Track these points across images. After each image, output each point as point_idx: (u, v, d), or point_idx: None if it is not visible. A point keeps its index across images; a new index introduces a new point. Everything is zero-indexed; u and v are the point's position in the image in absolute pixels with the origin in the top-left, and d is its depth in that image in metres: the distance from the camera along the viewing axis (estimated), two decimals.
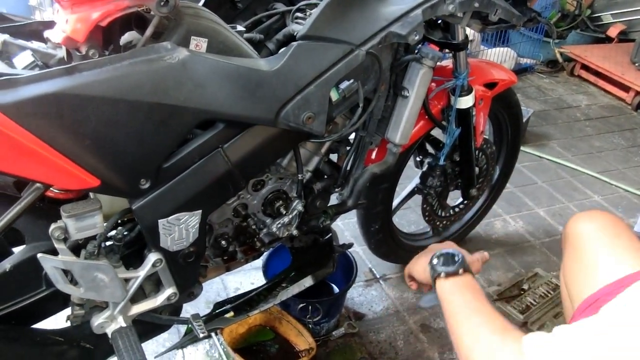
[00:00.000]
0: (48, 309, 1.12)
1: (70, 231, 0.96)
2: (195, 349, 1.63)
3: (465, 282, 0.96)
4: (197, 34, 0.98)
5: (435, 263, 1.01)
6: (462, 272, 0.97)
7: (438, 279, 0.99)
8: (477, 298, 0.91)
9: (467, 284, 0.96)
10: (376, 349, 1.69)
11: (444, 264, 0.99)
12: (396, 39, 1.12)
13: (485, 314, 0.87)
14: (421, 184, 1.80)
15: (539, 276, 2.00)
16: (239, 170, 1.08)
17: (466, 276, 0.97)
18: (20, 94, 0.81)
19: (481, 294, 0.93)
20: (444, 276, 0.98)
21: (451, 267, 0.98)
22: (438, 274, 0.99)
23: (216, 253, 1.28)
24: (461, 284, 0.96)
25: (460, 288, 0.95)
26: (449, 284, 0.97)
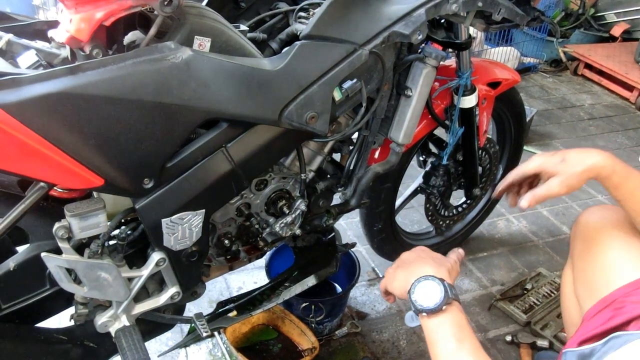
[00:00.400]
0: (52, 307, 1.13)
1: (74, 230, 0.96)
2: (198, 348, 1.64)
3: (451, 321, 0.89)
4: (200, 33, 0.98)
5: (415, 299, 0.91)
6: (445, 308, 0.89)
7: (421, 316, 0.91)
8: (462, 347, 0.85)
9: (453, 323, 0.88)
10: (379, 348, 1.69)
11: (425, 301, 0.90)
12: (399, 38, 1.12)
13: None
14: (424, 183, 1.80)
15: (543, 276, 1.99)
16: (242, 170, 1.08)
17: (450, 312, 0.89)
18: (24, 93, 0.81)
19: (468, 336, 0.87)
20: (426, 316, 0.90)
21: (432, 305, 0.89)
22: (419, 312, 0.91)
23: (219, 252, 1.28)
24: (446, 325, 0.88)
25: (443, 331, 0.88)
26: (433, 324, 0.90)
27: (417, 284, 0.92)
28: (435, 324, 0.89)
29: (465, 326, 0.89)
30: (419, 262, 0.99)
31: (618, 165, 0.99)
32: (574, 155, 1.02)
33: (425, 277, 0.93)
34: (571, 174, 1.00)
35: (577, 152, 1.03)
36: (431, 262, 0.99)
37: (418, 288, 0.92)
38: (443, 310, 0.89)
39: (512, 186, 1.12)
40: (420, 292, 0.91)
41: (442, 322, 0.89)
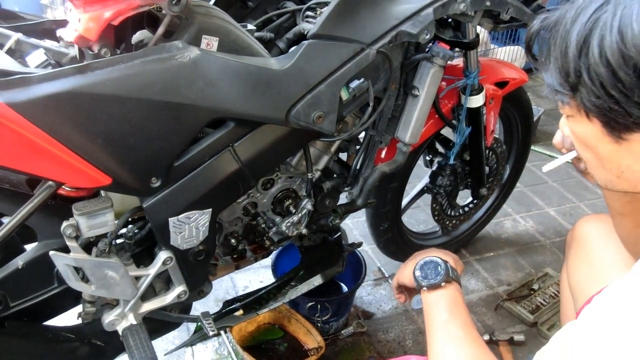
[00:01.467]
0: (60, 306, 1.13)
1: (81, 229, 0.97)
2: (204, 347, 1.65)
3: (448, 297, 0.94)
4: (208, 32, 0.99)
5: (418, 275, 0.99)
6: (445, 285, 0.95)
7: (422, 291, 0.98)
8: (455, 321, 0.90)
9: (449, 299, 0.94)
10: (385, 348, 1.69)
11: (426, 276, 0.98)
12: (407, 37, 1.12)
13: (457, 339, 0.86)
14: (431, 183, 1.80)
15: (549, 276, 1.98)
16: (249, 169, 1.08)
17: (449, 289, 0.95)
18: (33, 92, 0.82)
19: (462, 312, 0.92)
20: (426, 289, 0.96)
21: (433, 279, 0.96)
22: (420, 286, 0.97)
23: (226, 251, 1.28)
24: (443, 300, 0.94)
25: (439, 305, 0.94)
26: (431, 298, 0.96)
27: (421, 262, 1.01)
28: (434, 298, 0.95)
29: (460, 304, 0.94)
30: (429, 251, 1.06)
31: None
32: None
33: (431, 258, 1.01)
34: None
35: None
36: (438, 251, 1.06)
37: (422, 265, 1.00)
38: (442, 286, 0.96)
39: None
40: (424, 269, 0.99)
41: (440, 296, 0.95)
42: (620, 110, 0.61)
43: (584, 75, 0.62)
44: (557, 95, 0.69)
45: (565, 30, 0.65)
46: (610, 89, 0.60)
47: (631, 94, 0.59)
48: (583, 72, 0.62)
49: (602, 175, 0.73)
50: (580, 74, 0.62)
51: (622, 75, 0.59)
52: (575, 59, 0.63)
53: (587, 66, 0.61)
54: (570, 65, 0.63)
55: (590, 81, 0.62)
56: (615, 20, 0.60)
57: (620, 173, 0.69)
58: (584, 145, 0.72)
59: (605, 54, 0.60)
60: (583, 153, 0.74)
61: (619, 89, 0.60)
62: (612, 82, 0.60)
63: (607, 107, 0.62)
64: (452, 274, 0.97)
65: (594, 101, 0.63)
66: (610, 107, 0.62)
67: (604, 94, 0.61)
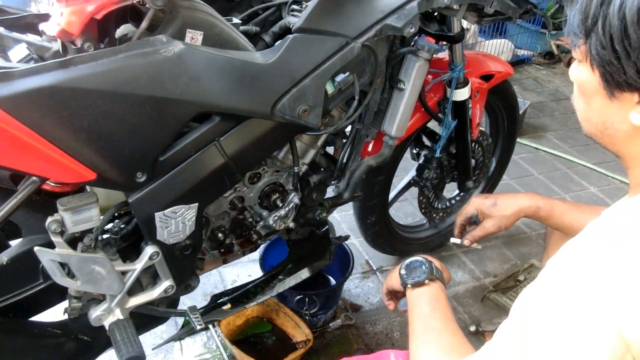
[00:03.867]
0: (45, 301, 1.13)
1: (66, 224, 0.96)
2: (192, 341, 1.64)
3: (430, 293, 0.97)
4: (192, 26, 0.98)
5: (403, 273, 1.02)
6: (428, 282, 0.98)
7: (407, 289, 1.00)
8: (435, 314, 0.93)
9: (432, 295, 0.97)
10: (373, 340, 1.70)
11: (410, 274, 1.00)
12: (392, 31, 1.12)
13: (436, 331, 0.89)
14: (417, 176, 1.80)
15: (535, 267, 2.01)
16: (235, 163, 1.08)
17: (432, 286, 0.98)
18: (16, 87, 0.81)
19: (442, 307, 0.95)
20: (410, 286, 0.99)
21: (417, 277, 0.99)
22: (405, 283, 1.00)
23: (213, 246, 1.28)
24: (426, 296, 0.97)
25: (422, 300, 0.96)
26: (414, 294, 0.98)
27: (407, 261, 1.04)
28: (417, 294, 0.98)
29: (442, 300, 0.97)
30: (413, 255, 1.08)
31: (541, 202, 1.17)
32: (503, 200, 1.23)
33: (416, 258, 1.04)
34: (501, 217, 1.22)
35: (506, 197, 1.23)
36: (426, 255, 1.07)
37: (407, 264, 1.03)
38: (426, 283, 0.98)
39: (462, 227, 1.32)
40: (409, 268, 1.02)
41: (423, 292, 0.98)
42: (618, 66, 0.63)
43: (599, 23, 0.64)
44: (572, 36, 0.71)
45: None
46: (616, 43, 0.63)
47: (633, 52, 0.62)
48: (600, 19, 0.64)
49: (588, 127, 0.76)
50: (596, 21, 0.64)
51: (631, 32, 0.61)
52: (597, 5, 0.64)
53: (604, 15, 0.63)
54: (591, 10, 0.65)
55: (602, 30, 0.64)
56: None
57: (604, 129, 0.72)
58: (581, 93, 0.75)
59: (625, 8, 0.61)
60: (577, 101, 0.77)
61: (623, 45, 0.62)
62: (620, 37, 0.62)
63: (608, 59, 0.64)
64: (435, 273, 1.00)
65: (600, 51, 0.65)
66: (611, 60, 0.64)
67: (610, 46, 0.63)
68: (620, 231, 0.63)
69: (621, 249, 0.61)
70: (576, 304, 0.61)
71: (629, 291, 0.58)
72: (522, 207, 1.20)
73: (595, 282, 0.60)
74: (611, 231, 0.64)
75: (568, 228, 1.15)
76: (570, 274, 0.64)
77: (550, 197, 1.21)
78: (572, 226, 1.14)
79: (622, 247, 0.61)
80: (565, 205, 1.17)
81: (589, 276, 0.61)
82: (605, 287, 0.59)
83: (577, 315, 0.60)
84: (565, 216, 1.15)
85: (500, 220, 1.22)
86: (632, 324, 0.57)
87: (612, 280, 0.59)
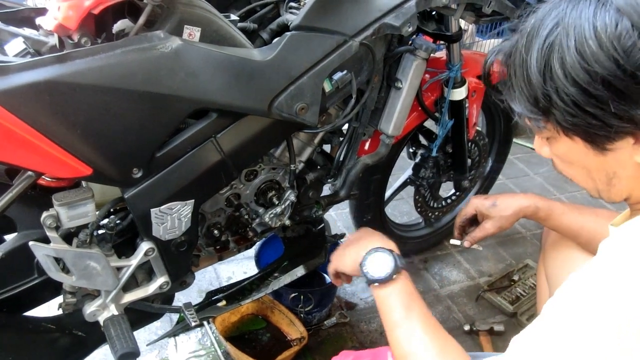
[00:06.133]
0: (40, 296, 1.13)
1: (62, 219, 0.96)
2: (187, 338, 1.65)
3: (400, 290, 0.92)
4: (190, 22, 0.98)
5: (367, 271, 0.95)
6: (395, 277, 0.93)
7: (372, 286, 0.95)
8: (412, 314, 0.89)
9: (402, 292, 0.92)
10: (367, 338, 1.71)
11: (374, 270, 0.94)
12: (389, 30, 1.12)
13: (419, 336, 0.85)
14: (414, 175, 1.81)
15: (530, 267, 2.01)
16: (232, 160, 1.08)
17: (399, 281, 0.93)
18: (12, 81, 0.81)
19: (417, 303, 0.91)
20: (377, 286, 0.93)
21: (384, 275, 0.93)
22: (372, 282, 0.94)
23: (209, 242, 1.28)
24: (395, 294, 0.92)
25: (394, 300, 0.92)
26: (383, 293, 0.93)
27: (367, 256, 0.97)
28: (386, 294, 0.93)
29: (413, 293, 0.93)
30: (367, 237, 1.04)
31: (540, 202, 1.17)
32: (502, 201, 1.23)
33: (375, 249, 0.98)
34: (500, 217, 1.22)
35: (505, 198, 1.23)
36: (378, 237, 1.04)
37: (369, 260, 0.97)
38: (393, 279, 0.93)
39: (462, 228, 1.33)
40: (372, 264, 0.96)
41: (392, 291, 0.93)
42: (599, 123, 0.62)
43: (554, 98, 0.63)
44: (530, 122, 0.70)
45: (522, 59, 0.66)
46: (585, 106, 0.61)
47: (606, 106, 0.60)
48: (552, 95, 0.63)
49: (592, 185, 0.75)
50: (550, 98, 0.63)
51: (593, 91, 0.60)
52: (540, 84, 0.64)
53: (555, 89, 0.62)
54: (538, 91, 0.64)
55: (562, 103, 0.62)
56: (570, 40, 0.61)
57: (609, 181, 0.71)
58: (568, 164, 0.74)
59: (570, 74, 0.61)
60: (568, 171, 0.75)
61: (593, 105, 0.61)
62: (584, 100, 0.61)
63: (585, 123, 0.63)
64: (400, 264, 0.94)
65: (571, 120, 0.63)
66: (588, 122, 0.62)
67: (580, 112, 0.62)
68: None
69: None
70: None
71: None
72: (521, 208, 1.19)
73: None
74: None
75: (566, 229, 1.16)
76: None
77: (546, 197, 1.21)
78: (571, 227, 1.14)
79: None
80: (564, 206, 1.17)
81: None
82: None
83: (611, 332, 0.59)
84: (563, 217, 1.15)
85: (499, 221, 1.22)
86: None
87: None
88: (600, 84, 0.60)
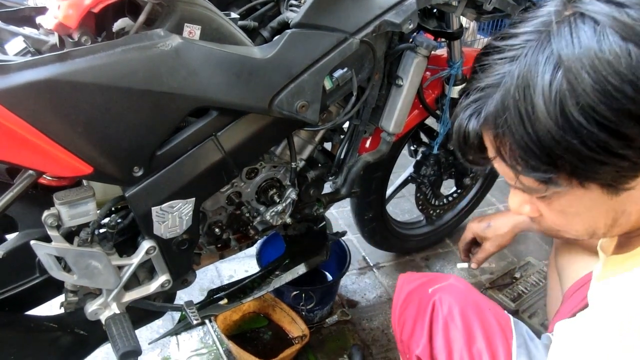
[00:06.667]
0: (42, 295, 1.13)
1: (63, 218, 0.96)
2: (189, 336, 1.65)
3: None
4: (190, 21, 0.98)
5: None
6: None
7: None
8: None
9: None
10: (369, 336, 1.71)
11: None
12: (390, 27, 1.12)
13: None
14: (415, 172, 1.81)
15: (531, 265, 2.01)
16: (233, 158, 1.08)
17: None
18: (12, 80, 0.80)
19: None
20: None
21: None
22: None
23: (210, 241, 1.28)
24: None
25: None
26: None
27: None
28: None
29: None
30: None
31: None
32: (496, 221, 1.31)
33: None
34: (496, 237, 1.30)
35: (498, 217, 1.32)
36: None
37: None
38: None
39: (466, 251, 1.41)
40: None
41: None
42: (629, 164, 0.55)
43: (579, 149, 0.54)
44: (537, 184, 0.61)
45: (521, 115, 0.56)
46: (617, 150, 0.54)
47: (636, 143, 0.54)
48: (577, 146, 0.54)
49: (589, 230, 0.67)
50: (573, 150, 0.55)
51: (624, 131, 0.53)
52: (559, 137, 0.54)
53: (579, 139, 0.54)
54: (553, 146, 0.55)
55: (590, 151, 0.54)
56: (582, 82, 0.53)
57: (615, 222, 0.64)
58: (569, 216, 0.66)
59: (595, 118, 0.53)
60: (563, 223, 0.67)
61: (624, 145, 0.54)
62: (616, 143, 0.54)
63: (616, 167, 0.56)
64: None
65: (600, 168, 0.56)
66: (619, 166, 0.55)
67: (612, 157, 0.55)
68: None
69: None
70: None
71: None
72: (515, 224, 1.27)
73: None
74: None
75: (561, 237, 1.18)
76: None
77: None
78: None
79: None
80: None
81: None
82: None
83: None
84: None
85: (497, 240, 1.30)
86: None
87: None
88: (632, 119, 0.53)
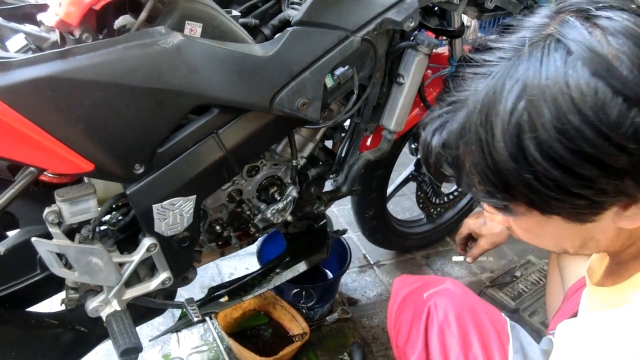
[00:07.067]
0: (43, 292, 1.13)
1: (64, 215, 0.96)
2: (189, 333, 1.65)
3: None
4: (191, 18, 0.98)
5: None
6: None
7: None
8: None
9: None
10: (369, 334, 1.71)
11: None
12: (392, 25, 1.12)
13: None
14: (416, 171, 1.81)
15: (532, 263, 2.01)
16: (234, 156, 1.08)
17: None
18: (14, 77, 0.80)
19: None
20: None
21: None
22: None
23: (211, 238, 1.28)
24: None
25: None
26: None
27: None
28: None
29: None
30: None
31: None
32: None
33: None
34: (491, 235, 1.31)
35: None
36: None
37: None
38: None
39: (463, 245, 1.44)
40: None
41: None
42: (587, 202, 0.53)
43: (534, 184, 0.52)
44: (498, 210, 0.61)
45: (481, 141, 0.54)
46: (572, 189, 0.52)
47: (595, 184, 0.51)
48: (531, 182, 0.52)
49: (558, 249, 0.67)
50: (527, 184, 0.53)
51: (581, 172, 0.50)
52: (513, 170, 0.53)
53: (533, 174, 0.52)
54: (509, 177, 0.53)
55: (545, 188, 0.52)
56: (542, 117, 0.50)
57: (583, 245, 0.63)
58: (535, 234, 0.65)
59: (551, 156, 0.50)
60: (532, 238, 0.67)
61: (581, 185, 0.51)
62: (572, 182, 0.51)
63: (572, 204, 0.54)
64: None
65: (556, 204, 0.54)
66: (575, 204, 0.54)
67: (566, 195, 0.53)
68: None
69: None
70: None
71: None
72: None
73: None
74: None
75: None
76: None
77: None
78: None
79: None
80: None
81: None
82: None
83: None
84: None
85: (492, 238, 1.31)
86: None
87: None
88: (588, 162, 0.50)
